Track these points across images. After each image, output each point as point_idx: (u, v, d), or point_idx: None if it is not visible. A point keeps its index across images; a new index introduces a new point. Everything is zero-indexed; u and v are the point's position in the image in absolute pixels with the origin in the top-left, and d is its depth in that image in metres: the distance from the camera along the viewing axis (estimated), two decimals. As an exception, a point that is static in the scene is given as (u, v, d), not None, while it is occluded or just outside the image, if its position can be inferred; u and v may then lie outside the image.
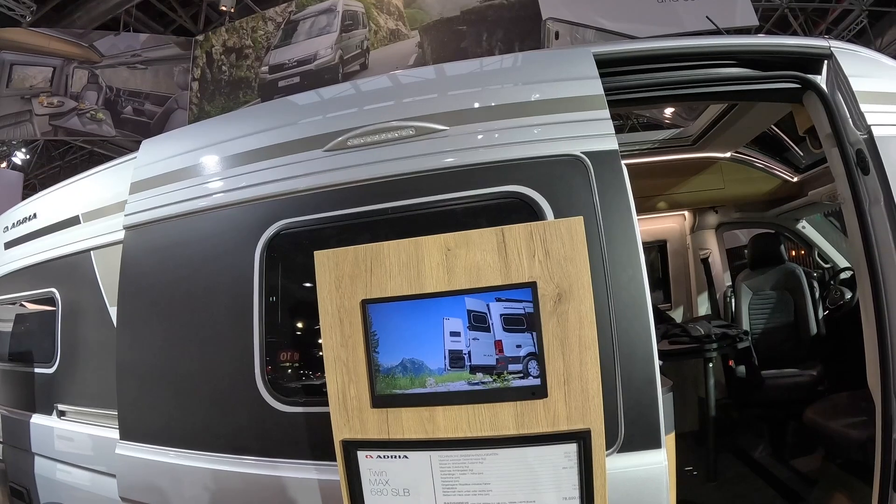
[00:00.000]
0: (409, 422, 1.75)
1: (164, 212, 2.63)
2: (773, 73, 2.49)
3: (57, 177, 13.10)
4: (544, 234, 1.67)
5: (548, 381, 1.66)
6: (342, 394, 1.80)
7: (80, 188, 3.40)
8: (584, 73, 2.24)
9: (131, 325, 2.68)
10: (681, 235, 5.68)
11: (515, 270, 1.68)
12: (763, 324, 5.22)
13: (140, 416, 2.63)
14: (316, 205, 2.31)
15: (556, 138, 2.14)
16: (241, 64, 10.18)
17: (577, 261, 1.65)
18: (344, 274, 1.79)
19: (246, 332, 2.31)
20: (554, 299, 1.66)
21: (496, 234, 1.70)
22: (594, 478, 1.67)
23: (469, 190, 2.16)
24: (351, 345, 1.78)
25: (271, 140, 2.47)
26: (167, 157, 2.74)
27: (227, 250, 2.44)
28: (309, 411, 2.19)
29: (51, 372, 3.36)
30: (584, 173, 2.08)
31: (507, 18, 8.59)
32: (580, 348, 1.65)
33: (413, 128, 2.25)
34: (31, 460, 3.47)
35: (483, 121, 2.22)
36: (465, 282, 1.71)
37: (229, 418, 2.37)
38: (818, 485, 3.86)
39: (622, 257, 2.01)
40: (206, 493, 2.40)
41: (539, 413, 1.68)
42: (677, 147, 4.66)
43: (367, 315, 1.76)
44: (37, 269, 3.56)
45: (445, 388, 1.72)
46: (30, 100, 10.00)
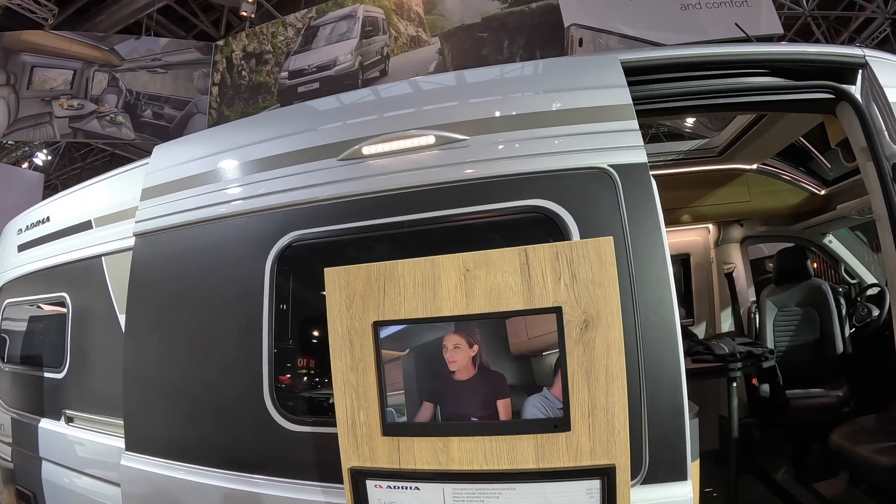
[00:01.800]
0: (421, 451, 1.66)
1: (174, 220, 2.57)
2: (805, 83, 2.38)
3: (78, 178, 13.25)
4: (571, 255, 1.57)
5: (571, 413, 1.56)
6: (351, 420, 1.71)
7: (93, 193, 3.36)
8: (611, 82, 2.14)
9: (139, 334, 2.63)
10: (704, 249, 5.53)
11: (539, 294, 1.58)
12: (788, 341, 5.07)
13: (146, 427, 2.58)
14: (329, 216, 2.23)
15: (582, 150, 2.03)
16: (261, 69, 10.19)
17: (606, 285, 1.55)
18: (355, 293, 1.70)
19: (255, 346, 2.23)
20: (580, 326, 1.56)
21: (519, 254, 1.60)
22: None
23: (490, 203, 2.06)
24: (361, 368, 1.69)
25: (284, 147, 2.39)
26: (179, 164, 2.68)
27: (237, 261, 2.37)
28: (317, 431, 2.11)
29: (60, 377, 3.32)
30: (612, 187, 1.98)
31: (529, 25, 8.49)
32: (607, 379, 1.55)
33: (432, 137, 2.15)
34: (38, 465, 3.44)
35: (505, 130, 2.12)
36: (485, 305, 1.61)
37: (236, 435, 2.30)
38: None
39: (651, 278, 1.89)
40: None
41: (561, 447, 1.58)
42: (702, 158, 4.53)
43: (379, 338, 1.67)
44: (49, 273, 3.53)
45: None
46: (50, 102, 10.06)
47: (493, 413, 1.61)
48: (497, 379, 1.61)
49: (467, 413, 1.63)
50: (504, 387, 1.61)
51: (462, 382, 1.63)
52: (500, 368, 1.63)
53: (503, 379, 1.63)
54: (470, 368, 1.62)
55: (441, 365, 1.64)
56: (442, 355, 1.64)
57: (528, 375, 1.63)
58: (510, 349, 1.63)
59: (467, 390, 1.63)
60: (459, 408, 1.64)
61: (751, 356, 4.00)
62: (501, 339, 1.63)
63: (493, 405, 1.61)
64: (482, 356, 1.62)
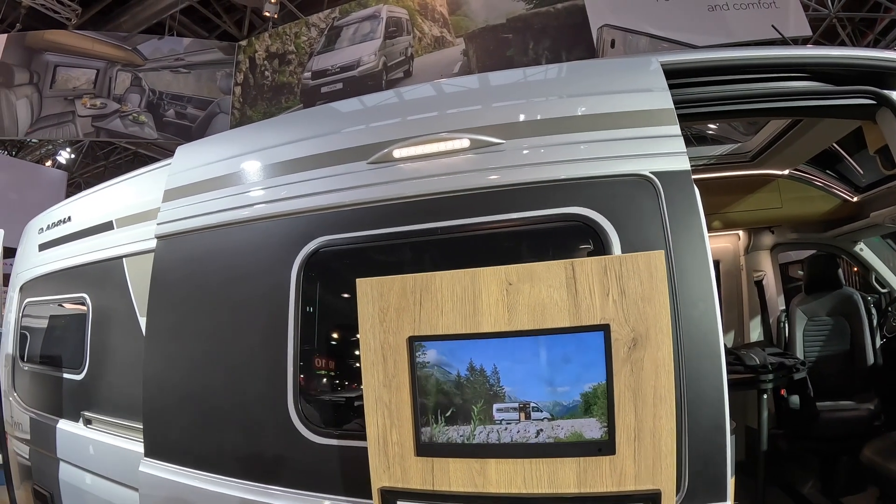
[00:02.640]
0: (456, 473, 1.58)
1: (197, 222, 2.52)
2: (845, 88, 2.29)
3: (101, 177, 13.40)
4: (620, 269, 1.49)
5: (616, 436, 1.48)
6: (383, 438, 1.64)
7: (115, 193, 3.33)
8: (652, 85, 2.05)
9: (159, 339, 2.58)
10: (734, 256, 5.41)
11: (586, 310, 1.50)
12: (817, 351, 4.95)
13: (165, 433, 2.54)
14: (358, 221, 2.15)
15: (623, 156, 1.95)
16: (284, 69, 10.19)
17: (657, 301, 1.46)
18: (389, 306, 1.63)
19: (279, 354, 2.17)
20: (628, 345, 1.47)
21: (565, 267, 1.52)
22: (661, 543, 1.48)
23: (526, 211, 1.97)
24: (395, 385, 1.61)
25: (312, 150, 2.32)
26: (202, 165, 2.63)
27: (262, 266, 2.31)
28: (344, 445, 2.04)
29: (79, 378, 3.30)
30: (653, 195, 1.88)
31: (554, 26, 8.41)
32: (654, 400, 1.47)
33: (466, 140, 2.07)
34: (56, 465, 3.42)
35: (543, 134, 2.03)
36: (528, 321, 1.52)
37: (258, 445, 2.24)
38: (870, 527, 3.63)
39: (694, 291, 1.80)
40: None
41: (604, 471, 1.50)
42: (734, 163, 4.42)
43: (414, 354, 1.59)
44: (69, 273, 3.51)
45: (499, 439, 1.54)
46: (73, 101, 10.15)
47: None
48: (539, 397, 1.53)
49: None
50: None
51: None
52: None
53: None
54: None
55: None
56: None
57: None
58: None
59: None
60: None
61: (782, 368, 3.90)
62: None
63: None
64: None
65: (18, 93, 9.93)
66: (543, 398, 1.53)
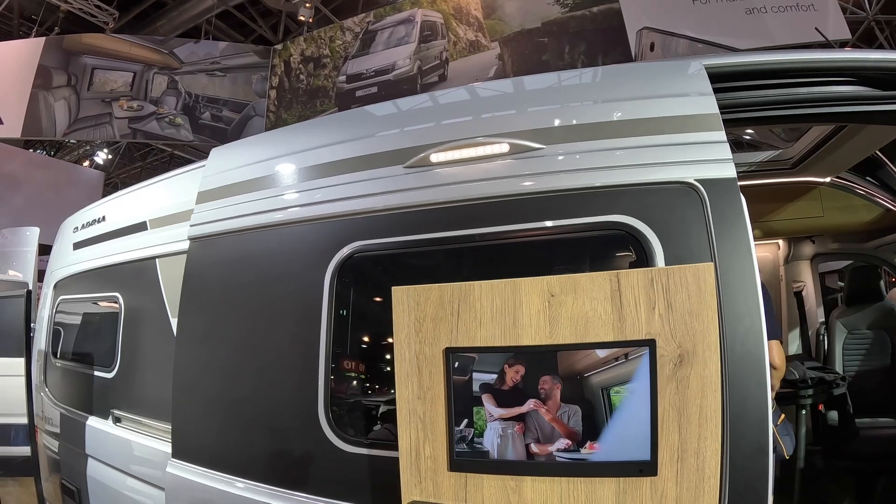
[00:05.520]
0: (490, 490, 1.53)
1: (231, 224, 2.50)
2: (893, 94, 2.18)
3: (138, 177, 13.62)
4: (667, 282, 1.42)
5: (659, 456, 1.41)
6: (415, 452, 1.59)
7: (149, 194, 3.34)
8: (696, 89, 1.97)
9: (190, 341, 2.57)
10: (773, 266, 5.26)
11: (631, 325, 1.43)
12: (857, 366, 4.79)
13: (194, 435, 2.53)
14: (394, 227, 2.10)
15: (666, 162, 1.86)
16: (319, 73, 10.27)
17: (705, 316, 1.40)
18: (426, 316, 1.58)
19: (311, 361, 2.13)
20: (674, 361, 1.40)
21: (610, 279, 1.45)
22: (703, 569, 1.41)
23: (567, 218, 1.90)
24: (430, 398, 1.57)
25: (347, 153, 2.28)
26: (236, 167, 2.61)
27: (295, 270, 2.28)
28: (374, 454, 1.99)
29: (110, 377, 3.32)
30: (699, 204, 1.80)
31: (590, 30, 8.31)
32: (700, 420, 1.40)
33: (506, 145, 2.00)
34: (84, 461, 3.44)
35: (584, 140, 1.96)
36: (570, 335, 1.46)
37: (286, 451, 2.22)
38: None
39: (740, 305, 1.70)
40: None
41: (645, 493, 1.44)
42: (774, 170, 4.29)
43: (451, 366, 1.54)
44: (103, 273, 3.53)
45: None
46: (110, 103, 10.37)
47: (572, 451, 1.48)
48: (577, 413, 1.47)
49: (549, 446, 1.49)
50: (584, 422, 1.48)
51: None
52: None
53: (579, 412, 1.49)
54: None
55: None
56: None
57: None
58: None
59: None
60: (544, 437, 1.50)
61: (822, 383, 3.77)
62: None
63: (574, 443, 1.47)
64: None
65: (56, 95, 10.15)
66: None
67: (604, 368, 1.45)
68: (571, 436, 1.46)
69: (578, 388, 1.47)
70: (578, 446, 1.46)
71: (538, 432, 1.49)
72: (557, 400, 1.47)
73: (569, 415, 1.46)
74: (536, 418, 1.49)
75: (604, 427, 1.46)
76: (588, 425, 1.46)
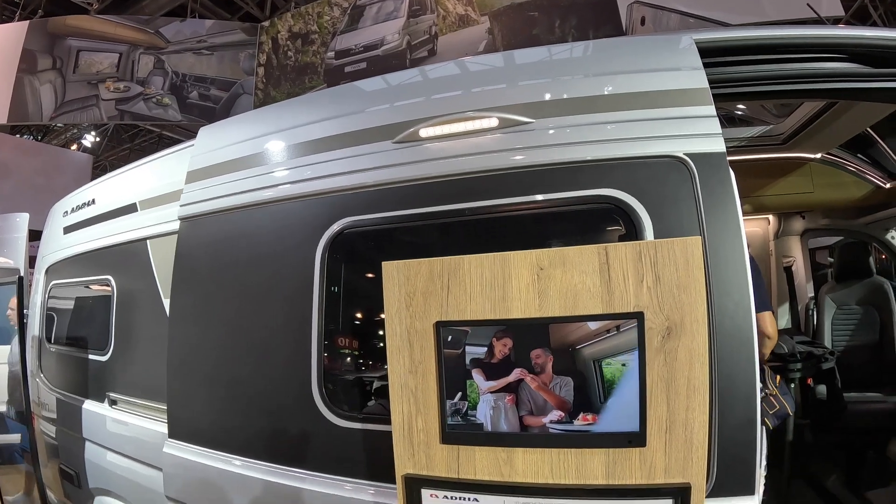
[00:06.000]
0: (482, 462, 1.55)
1: (221, 203, 2.49)
2: (885, 71, 2.18)
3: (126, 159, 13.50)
4: (655, 255, 1.43)
5: (648, 427, 1.43)
6: (408, 425, 1.61)
7: (138, 175, 3.32)
8: (686, 63, 1.96)
9: (183, 321, 2.58)
10: (763, 241, 5.29)
11: (619, 297, 1.44)
12: (846, 341, 4.86)
13: (189, 415, 2.54)
14: (384, 202, 2.11)
15: (656, 136, 1.86)
16: (307, 49, 10.12)
17: (693, 289, 1.41)
18: (416, 290, 1.58)
19: (303, 337, 2.14)
20: (662, 334, 1.42)
21: (598, 252, 1.46)
22: (688, 537, 1.44)
23: (556, 192, 1.91)
24: (421, 372, 1.58)
25: (336, 129, 2.27)
26: (225, 146, 2.60)
27: (286, 247, 2.28)
28: (368, 429, 2.02)
29: (104, 360, 3.33)
30: (687, 178, 1.80)
31: (581, 4, 8.20)
32: (688, 392, 1.42)
33: (495, 119, 2.00)
34: (81, 445, 3.46)
35: (573, 114, 1.96)
36: (560, 308, 1.47)
37: (281, 428, 2.23)
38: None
39: (728, 279, 1.72)
40: (254, 502, 2.27)
41: (634, 463, 1.46)
42: (765, 146, 4.30)
43: (442, 340, 1.55)
44: (94, 256, 3.53)
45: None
46: (96, 85, 10.23)
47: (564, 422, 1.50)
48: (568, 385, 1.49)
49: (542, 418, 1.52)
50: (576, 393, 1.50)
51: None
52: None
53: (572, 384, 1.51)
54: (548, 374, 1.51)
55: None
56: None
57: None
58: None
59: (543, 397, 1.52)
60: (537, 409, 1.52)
61: (811, 357, 3.82)
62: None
63: (566, 414, 1.49)
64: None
65: (42, 78, 10.02)
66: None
67: (595, 341, 1.46)
68: (563, 406, 1.48)
69: (570, 361, 1.48)
70: (571, 417, 1.48)
71: (531, 404, 1.50)
72: (550, 372, 1.49)
73: (560, 386, 1.48)
74: (529, 391, 1.50)
75: (595, 399, 1.47)
76: (580, 397, 1.48)
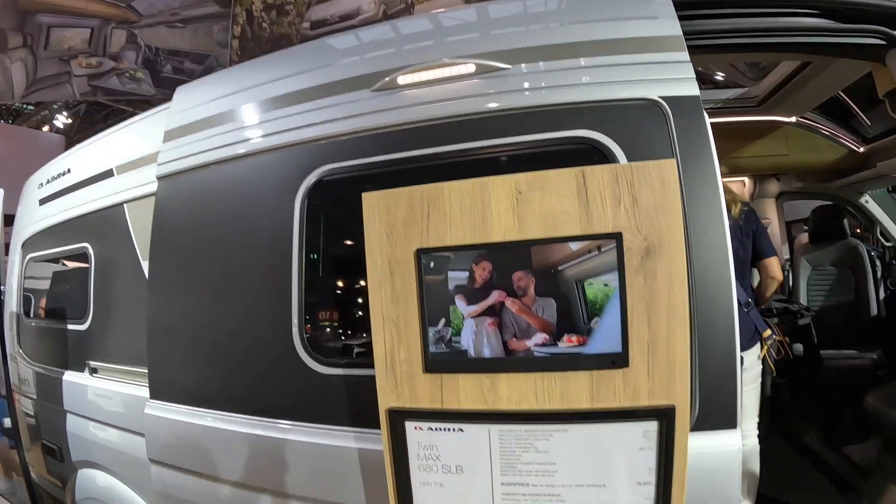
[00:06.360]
0: (466, 390, 1.56)
1: (199, 159, 2.47)
2: (855, 27, 2.23)
3: (100, 139, 13.11)
4: (632, 178, 1.45)
5: (630, 348, 1.46)
6: (390, 356, 1.61)
7: (115, 141, 3.28)
8: (659, 12, 1.98)
9: (163, 280, 2.55)
10: None
11: (598, 219, 1.46)
12: (821, 301, 4.98)
13: (170, 374, 2.52)
14: (363, 148, 2.11)
15: (631, 80, 1.89)
16: (282, 20, 9.93)
17: (670, 211, 1.43)
18: (396, 220, 1.59)
19: (284, 285, 2.14)
20: (641, 254, 1.44)
21: (576, 175, 1.47)
22: (674, 461, 1.46)
23: (533, 134, 1.92)
24: (402, 301, 1.58)
25: (315, 81, 2.26)
26: (203, 103, 2.57)
27: (266, 198, 2.27)
28: (350, 374, 2.02)
29: (83, 328, 3.28)
30: (663, 120, 1.84)
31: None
32: (668, 312, 1.44)
33: (472, 65, 2.01)
34: (63, 418, 3.42)
35: (549, 59, 1.98)
36: (539, 231, 1.49)
37: (264, 379, 2.23)
38: (872, 475, 3.65)
39: (704, 215, 1.77)
40: (238, 457, 2.27)
41: (618, 385, 1.48)
42: (741, 108, 4.36)
43: (423, 267, 1.56)
44: (70, 224, 3.47)
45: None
46: (68, 61, 9.97)
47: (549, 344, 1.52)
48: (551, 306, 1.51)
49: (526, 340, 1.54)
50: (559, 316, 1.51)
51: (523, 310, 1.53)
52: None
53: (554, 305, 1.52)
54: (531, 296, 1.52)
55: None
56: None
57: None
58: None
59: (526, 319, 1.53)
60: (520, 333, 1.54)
61: (787, 312, 3.90)
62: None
63: (550, 336, 1.51)
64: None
65: (13, 56, 9.77)
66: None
67: (576, 262, 1.48)
68: (546, 328, 1.49)
69: (552, 282, 1.50)
70: (555, 340, 1.50)
71: (515, 328, 1.52)
72: (532, 294, 1.50)
73: (543, 307, 1.49)
74: (512, 315, 1.52)
75: (579, 320, 1.49)
76: (563, 319, 1.50)
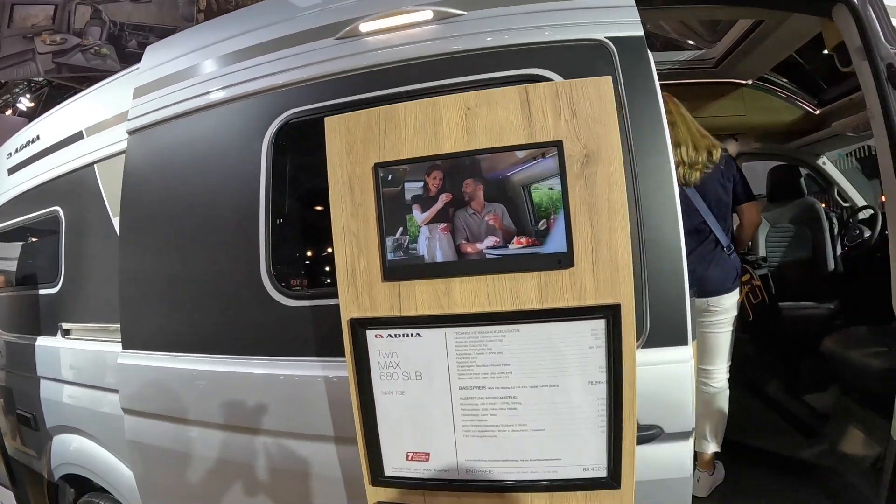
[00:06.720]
0: (422, 296, 1.66)
1: (168, 112, 2.52)
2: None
3: (63, 123, 12.85)
4: (571, 92, 1.57)
5: (574, 249, 1.57)
6: (351, 268, 1.71)
7: (84, 104, 3.31)
8: None
9: (134, 231, 2.60)
10: None
11: (540, 130, 1.57)
12: (780, 257, 5.13)
13: (142, 323, 2.56)
14: (327, 92, 2.19)
15: (579, 23, 2.01)
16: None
17: (606, 121, 1.55)
18: (356, 139, 1.69)
19: (252, 225, 2.22)
20: (581, 161, 1.55)
21: (519, 92, 1.59)
22: (623, 360, 1.57)
23: (486, 73, 2.04)
24: (362, 214, 1.68)
25: (280, 32, 2.35)
26: (171, 59, 2.62)
27: (233, 145, 2.34)
28: (316, 304, 2.11)
29: (55, 292, 3.31)
30: (609, 59, 1.95)
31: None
32: (609, 213, 1.55)
33: (430, 12, 2.12)
34: (36, 385, 3.43)
35: (502, 5, 2.09)
36: (486, 141, 1.60)
37: (233, 318, 2.29)
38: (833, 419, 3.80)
39: (649, 149, 1.88)
40: (210, 396, 2.34)
41: (565, 285, 1.59)
42: (698, 70, 4.49)
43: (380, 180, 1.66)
44: (39, 190, 3.49)
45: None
46: (32, 39, 9.84)
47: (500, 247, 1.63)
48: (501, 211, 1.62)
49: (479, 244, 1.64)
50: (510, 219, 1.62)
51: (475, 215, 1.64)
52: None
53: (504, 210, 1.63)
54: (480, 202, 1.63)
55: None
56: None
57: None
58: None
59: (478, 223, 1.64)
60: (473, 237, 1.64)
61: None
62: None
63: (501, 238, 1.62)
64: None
65: (-24, 36, 9.64)
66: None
67: (522, 168, 1.59)
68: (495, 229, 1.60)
69: (501, 189, 1.60)
70: (505, 242, 1.60)
71: (467, 232, 1.62)
72: (481, 199, 1.61)
73: (493, 212, 1.60)
74: (465, 219, 1.62)
75: (527, 223, 1.60)
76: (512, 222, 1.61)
